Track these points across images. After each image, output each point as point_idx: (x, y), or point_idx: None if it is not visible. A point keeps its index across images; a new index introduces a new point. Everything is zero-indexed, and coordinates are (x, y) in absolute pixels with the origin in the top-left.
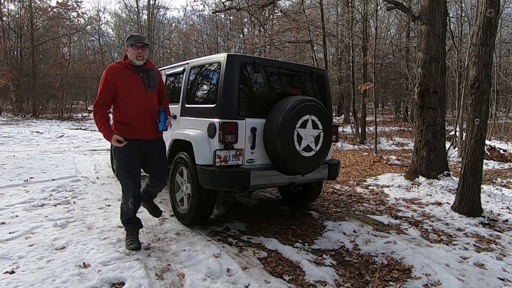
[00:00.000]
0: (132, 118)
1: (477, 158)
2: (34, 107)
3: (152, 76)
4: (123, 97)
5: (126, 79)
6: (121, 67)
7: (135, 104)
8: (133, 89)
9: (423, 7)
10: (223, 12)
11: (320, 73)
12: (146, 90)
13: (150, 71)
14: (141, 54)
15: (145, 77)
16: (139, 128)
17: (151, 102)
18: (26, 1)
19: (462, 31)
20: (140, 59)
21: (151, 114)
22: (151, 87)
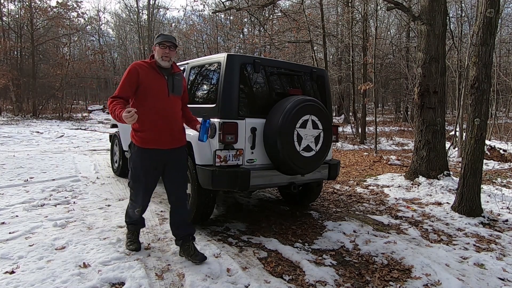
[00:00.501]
0: (151, 123)
1: (477, 158)
2: (34, 107)
3: (177, 81)
4: (143, 98)
5: (149, 79)
6: (146, 66)
7: (156, 108)
8: (155, 90)
9: (423, 7)
10: (223, 12)
11: (320, 73)
12: (169, 94)
13: (176, 75)
14: (167, 54)
15: (170, 81)
16: (159, 135)
17: (173, 107)
18: (26, 1)
19: (462, 31)
20: (166, 59)
21: (172, 121)
22: (175, 92)
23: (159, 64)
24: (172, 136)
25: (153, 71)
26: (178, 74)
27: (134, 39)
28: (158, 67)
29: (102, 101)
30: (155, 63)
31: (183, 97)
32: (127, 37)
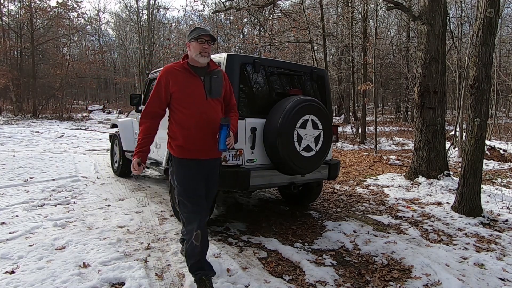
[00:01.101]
0: (189, 131)
1: (477, 158)
2: (34, 107)
3: (215, 80)
4: (179, 104)
5: (182, 83)
6: (177, 69)
7: (193, 114)
8: (190, 95)
9: (423, 7)
10: (223, 12)
11: (320, 73)
12: (207, 97)
13: (214, 74)
14: (206, 50)
15: (207, 81)
16: (197, 144)
17: (213, 112)
18: (26, 1)
19: (462, 31)
20: (205, 55)
21: (213, 128)
22: (213, 94)
23: (193, 64)
24: (213, 145)
25: (186, 73)
26: (216, 72)
27: (134, 39)
28: (191, 67)
29: (102, 101)
30: (188, 63)
31: (226, 98)
32: (127, 37)
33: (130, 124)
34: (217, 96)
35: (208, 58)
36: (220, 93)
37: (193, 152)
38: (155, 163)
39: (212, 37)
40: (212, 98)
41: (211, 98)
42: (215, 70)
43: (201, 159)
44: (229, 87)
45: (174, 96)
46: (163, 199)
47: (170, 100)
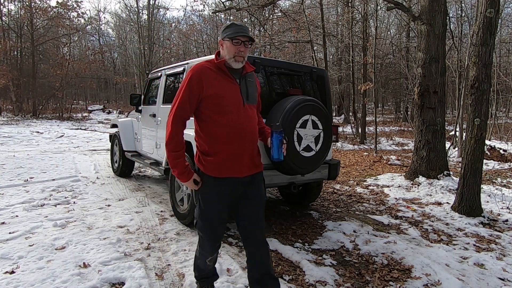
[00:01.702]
0: (224, 144)
1: (477, 158)
2: (34, 107)
3: (251, 84)
4: (212, 111)
5: (218, 86)
6: (212, 68)
7: (229, 123)
8: (226, 100)
9: (423, 7)
10: (223, 12)
11: (320, 73)
12: (244, 103)
13: (248, 77)
14: (241, 53)
15: (243, 85)
16: (234, 160)
17: (250, 121)
18: (26, 1)
19: (462, 31)
20: (240, 60)
21: (251, 139)
22: (250, 100)
23: (229, 65)
24: (251, 159)
25: (222, 74)
26: (250, 75)
27: (134, 39)
28: (228, 69)
29: (102, 101)
30: (225, 63)
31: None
32: (127, 37)
33: (130, 124)
34: (254, 102)
35: (243, 63)
36: (256, 99)
37: (228, 169)
38: (155, 163)
39: (250, 38)
40: (249, 105)
41: (248, 104)
42: (249, 73)
43: (237, 177)
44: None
45: (205, 102)
46: (163, 199)
47: (200, 106)
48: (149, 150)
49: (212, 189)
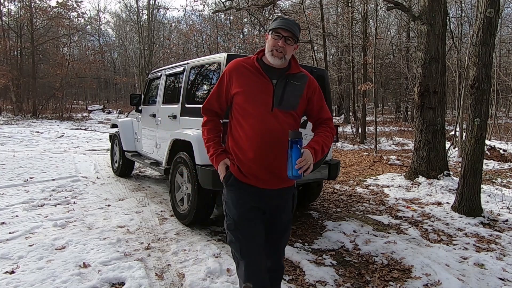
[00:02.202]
0: (248, 151)
1: (477, 158)
2: (34, 107)
3: (292, 88)
4: (240, 113)
5: (247, 85)
6: (246, 65)
7: (251, 129)
8: (252, 102)
9: (423, 7)
10: (223, 12)
11: (320, 73)
12: (273, 108)
13: (292, 79)
14: (280, 49)
15: (279, 87)
16: (254, 170)
17: (279, 129)
18: (26, 1)
19: (462, 31)
20: (277, 56)
21: (277, 149)
22: (284, 106)
23: (268, 62)
24: (277, 172)
25: (255, 73)
26: (298, 77)
27: (134, 39)
28: (262, 65)
29: (102, 101)
30: (257, 59)
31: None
32: (127, 37)
33: (130, 124)
34: (289, 108)
35: (282, 60)
36: (295, 105)
37: (251, 177)
38: (155, 163)
39: (293, 34)
40: (281, 110)
41: (278, 109)
42: (296, 74)
43: (260, 188)
44: (317, 97)
45: (234, 101)
46: (163, 199)
47: (231, 104)
48: (149, 150)
49: (237, 192)
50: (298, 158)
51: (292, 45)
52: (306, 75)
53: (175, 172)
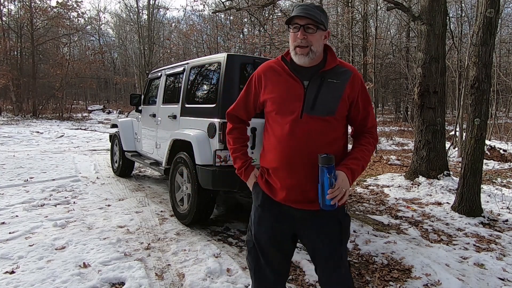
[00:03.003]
0: (271, 163)
1: (477, 158)
2: (34, 107)
3: (330, 87)
4: (268, 119)
5: (276, 90)
6: (275, 67)
7: (279, 139)
8: (281, 109)
9: (423, 7)
10: (223, 12)
11: None
12: (302, 114)
13: (329, 76)
14: (302, 42)
15: (312, 88)
16: (284, 184)
17: (310, 139)
18: (26, 1)
19: (462, 31)
20: (303, 53)
21: (310, 164)
22: (317, 111)
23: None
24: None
25: (283, 75)
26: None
27: (134, 39)
28: (292, 66)
29: (102, 101)
30: (282, 57)
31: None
32: (127, 37)
33: (130, 124)
34: (324, 113)
35: (308, 56)
36: (332, 109)
37: (278, 195)
38: (155, 163)
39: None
40: (313, 117)
41: (310, 116)
42: (335, 70)
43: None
44: (363, 99)
45: (265, 108)
46: (163, 199)
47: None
48: (149, 150)
49: (260, 205)
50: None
51: (316, 33)
52: (349, 71)
53: (175, 172)
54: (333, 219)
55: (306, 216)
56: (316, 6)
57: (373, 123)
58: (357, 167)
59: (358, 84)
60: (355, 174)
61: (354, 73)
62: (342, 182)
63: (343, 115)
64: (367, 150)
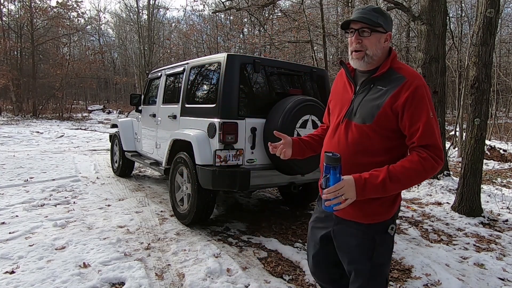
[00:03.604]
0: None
1: (477, 158)
2: (34, 107)
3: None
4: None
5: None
6: (343, 71)
7: (325, 143)
8: (332, 113)
9: (423, 7)
10: (223, 12)
11: (320, 73)
12: (343, 119)
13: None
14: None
15: (359, 94)
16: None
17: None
18: (26, 1)
19: (462, 31)
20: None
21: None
22: (358, 116)
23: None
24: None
25: (343, 79)
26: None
27: (134, 39)
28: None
29: (102, 101)
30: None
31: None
32: (127, 37)
33: (130, 124)
34: (360, 120)
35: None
36: (370, 117)
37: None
38: (155, 163)
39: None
40: (351, 122)
41: (350, 121)
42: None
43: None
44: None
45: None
46: (163, 199)
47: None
48: (149, 150)
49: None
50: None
51: (371, 36)
52: (402, 78)
53: (175, 172)
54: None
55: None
56: (374, 8)
57: (426, 142)
58: (374, 180)
59: (406, 95)
60: (367, 186)
61: (406, 81)
62: (341, 185)
63: (386, 126)
64: (403, 167)
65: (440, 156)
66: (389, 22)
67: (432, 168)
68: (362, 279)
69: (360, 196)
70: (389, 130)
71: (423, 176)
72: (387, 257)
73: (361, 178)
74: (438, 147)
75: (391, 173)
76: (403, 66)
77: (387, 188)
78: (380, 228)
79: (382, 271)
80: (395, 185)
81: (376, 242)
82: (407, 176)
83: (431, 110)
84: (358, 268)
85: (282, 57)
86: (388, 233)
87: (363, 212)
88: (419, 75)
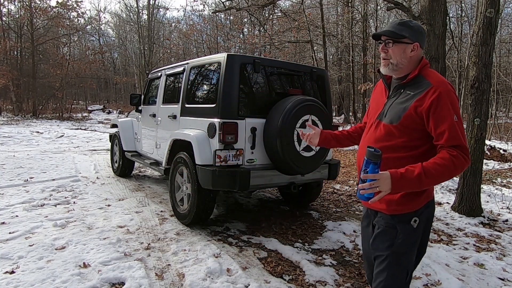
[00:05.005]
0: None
1: (477, 158)
2: (34, 107)
3: (402, 98)
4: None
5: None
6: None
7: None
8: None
9: (423, 7)
10: (223, 12)
11: (320, 73)
12: (376, 120)
13: (408, 87)
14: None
15: (391, 99)
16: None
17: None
18: (26, 1)
19: (462, 31)
20: (384, 65)
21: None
22: (388, 118)
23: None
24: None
25: (381, 86)
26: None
27: (134, 39)
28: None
29: (102, 101)
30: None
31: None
32: (127, 37)
33: (130, 124)
34: (389, 120)
35: (388, 68)
36: (396, 118)
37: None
38: (155, 163)
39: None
40: (381, 122)
41: (380, 121)
42: (416, 82)
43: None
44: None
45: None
46: (163, 199)
47: None
48: (149, 150)
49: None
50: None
51: (394, 47)
52: (428, 83)
53: (175, 172)
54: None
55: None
56: (400, 22)
57: (453, 143)
58: (410, 174)
59: (431, 100)
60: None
61: (432, 87)
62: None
63: (411, 127)
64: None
65: (467, 155)
66: (417, 33)
67: (461, 165)
68: (381, 266)
69: (395, 189)
70: (412, 130)
71: (453, 173)
72: (409, 248)
73: (397, 172)
74: (464, 147)
75: (425, 169)
76: (432, 73)
77: (422, 182)
78: (403, 219)
79: (402, 261)
80: (429, 179)
81: (397, 231)
82: (440, 172)
83: (456, 114)
84: (379, 255)
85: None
86: (410, 224)
87: (387, 204)
88: (446, 82)
